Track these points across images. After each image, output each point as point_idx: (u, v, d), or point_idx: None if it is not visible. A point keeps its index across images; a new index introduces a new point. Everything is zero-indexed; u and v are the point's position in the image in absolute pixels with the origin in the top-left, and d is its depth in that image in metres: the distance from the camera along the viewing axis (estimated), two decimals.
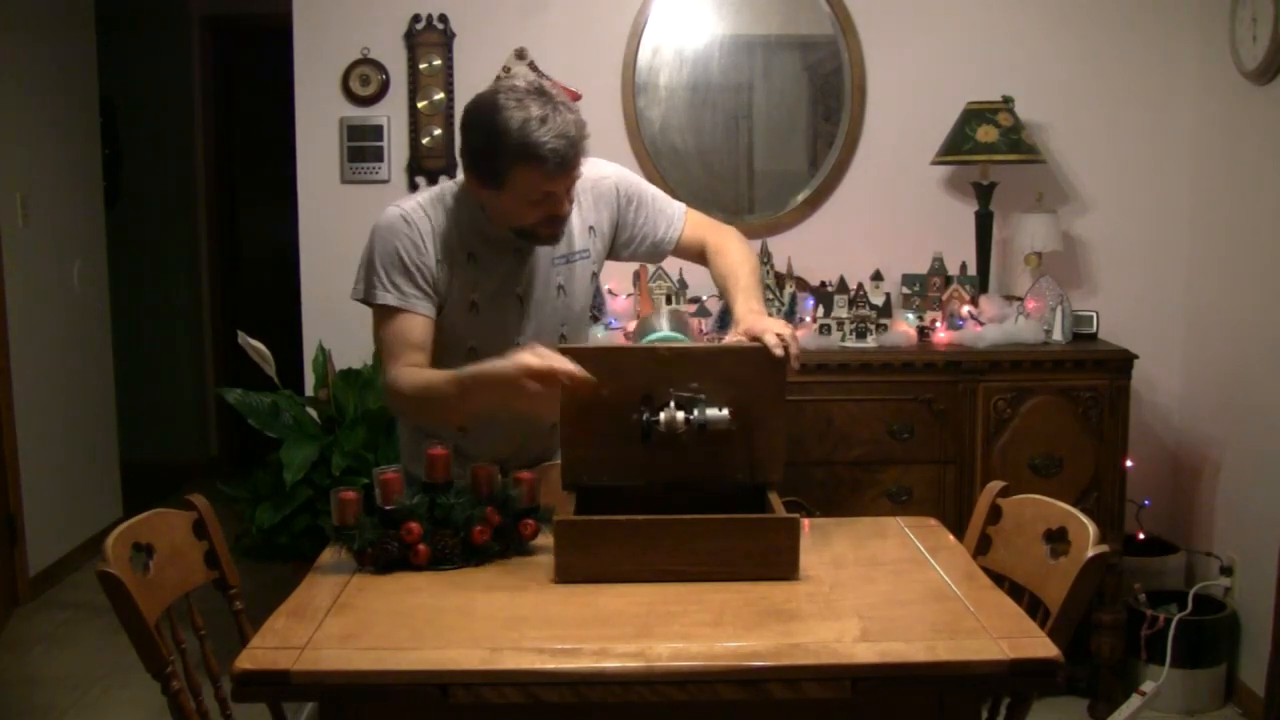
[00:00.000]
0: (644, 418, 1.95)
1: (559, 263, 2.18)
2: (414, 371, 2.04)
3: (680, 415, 1.93)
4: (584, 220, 2.20)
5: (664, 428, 1.92)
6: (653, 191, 2.30)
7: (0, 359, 4.01)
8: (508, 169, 1.97)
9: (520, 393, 1.87)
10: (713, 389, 1.95)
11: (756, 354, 1.96)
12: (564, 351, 1.91)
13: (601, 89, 3.58)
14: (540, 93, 1.97)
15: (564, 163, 1.96)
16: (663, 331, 2.06)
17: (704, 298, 3.36)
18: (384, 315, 2.08)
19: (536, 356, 1.86)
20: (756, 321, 2.02)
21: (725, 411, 1.94)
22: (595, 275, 2.29)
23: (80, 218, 4.71)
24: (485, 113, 1.98)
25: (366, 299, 2.10)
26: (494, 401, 1.95)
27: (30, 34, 4.31)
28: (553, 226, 2.07)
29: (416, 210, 2.10)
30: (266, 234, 6.01)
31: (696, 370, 1.96)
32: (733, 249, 2.24)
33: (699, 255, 2.30)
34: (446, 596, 1.78)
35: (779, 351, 1.94)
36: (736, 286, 2.15)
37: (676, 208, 2.30)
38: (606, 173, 2.25)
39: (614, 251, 2.29)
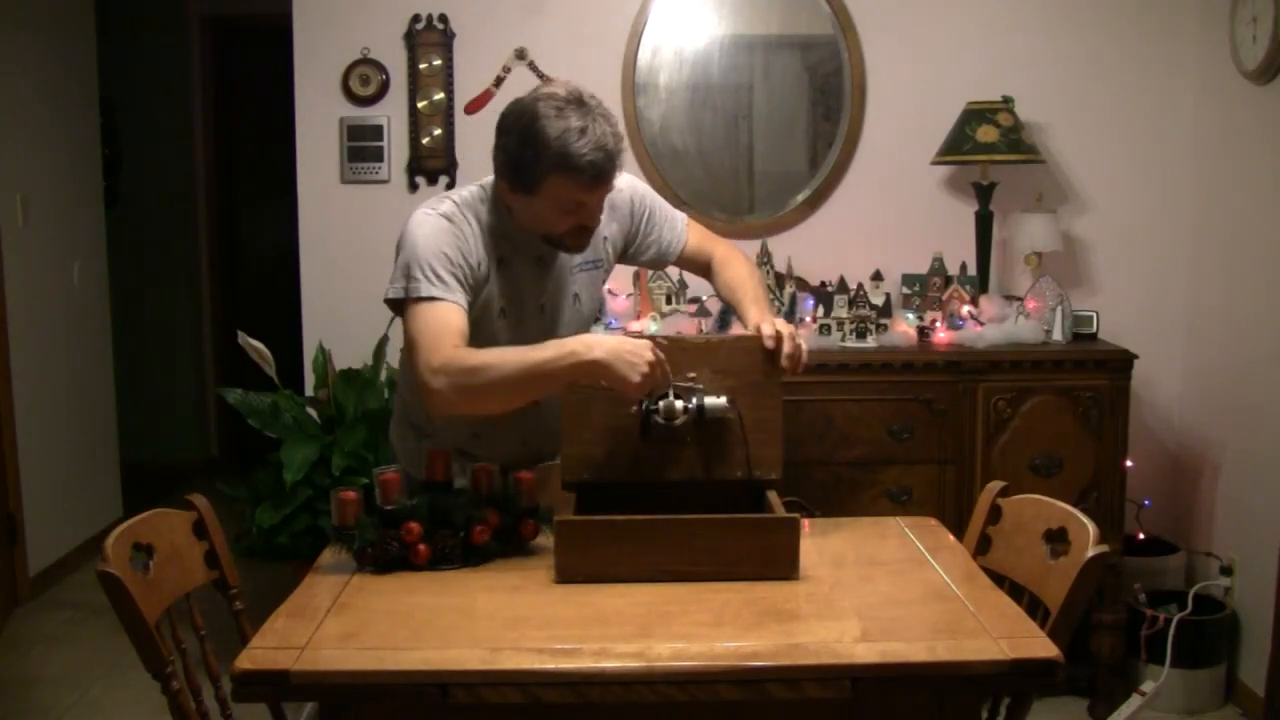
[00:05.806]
0: (643, 407, 1.97)
1: (575, 271, 2.19)
2: (477, 350, 1.94)
3: (679, 404, 1.97)
4: (600, 230, 2.19)
5: (663, 416, 1.96)
6: (659, 200, 2.32)
7: (0, 359, 4.01)
8: (544, 178, 1.96)
9: (611, 373, 1.87)
10: (709, 380, 2.01)
11: (750, 344, 2.04)
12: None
13: (601, 89, 3.48)
14: (580, 103, 1.97)
15: (600, 175, 1.96)
16: None
17: (704, 298, 3.36)
18: (426, 307, 1.97)
19: (639, 346, 1.90)
20: (761, 319, 2.08)
21: (723, 399, 1.99)
22: (604, 283, 2.31)
23: (80, 218, 4.71)
24: (525, 120, 1.96)
25: (408, 294, 1.98)
26: (564, 384, 1.95)
27: (30, 34, 4.31)
28: (581, 236, 2.08)
29: (456, 212, 2.06)
30: (266, 234, 6.02)
31: (692, 360, 2.02)
32: (739, 263, 2.30)
33: (702, 267, 2.34)
34: (446, 596, 1.78)
35: (769, 343, 2.02)
36: (746, 297, 2.21)
37: (679, 217, 2.33)
38: (620, 185, 2.22)
39: (621, 258, 2.30)
